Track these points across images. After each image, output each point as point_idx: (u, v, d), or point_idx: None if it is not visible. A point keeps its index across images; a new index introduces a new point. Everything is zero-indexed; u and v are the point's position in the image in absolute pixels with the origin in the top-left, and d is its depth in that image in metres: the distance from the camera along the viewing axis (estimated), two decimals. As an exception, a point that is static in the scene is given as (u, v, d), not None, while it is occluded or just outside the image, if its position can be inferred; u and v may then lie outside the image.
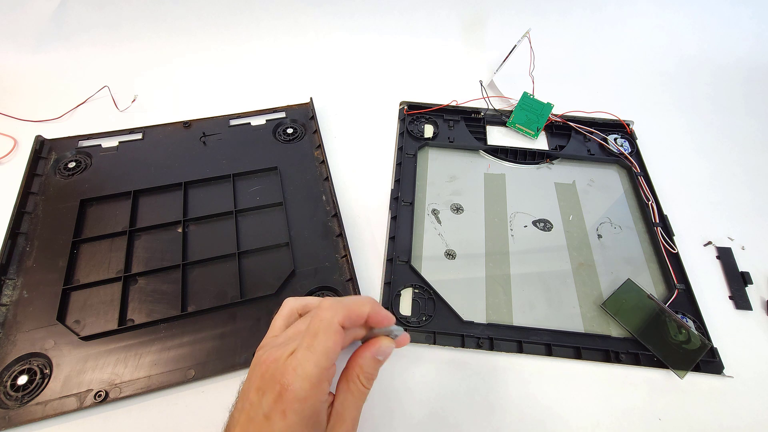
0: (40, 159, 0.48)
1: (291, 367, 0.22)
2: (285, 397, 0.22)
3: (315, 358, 0.22)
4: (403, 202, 0.46)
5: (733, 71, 0.67)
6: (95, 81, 0.57)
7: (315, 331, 0.23)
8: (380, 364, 0.26)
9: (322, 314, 0.24)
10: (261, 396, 0.23)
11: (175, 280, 0.39)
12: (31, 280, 0.39)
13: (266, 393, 0.22)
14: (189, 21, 0.63)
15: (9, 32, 0.59)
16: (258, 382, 0.23)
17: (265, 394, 0.22)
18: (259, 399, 0.23)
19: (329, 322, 0.23)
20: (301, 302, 0.28)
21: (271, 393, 0.22)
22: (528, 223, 0.46)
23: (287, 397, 0.22)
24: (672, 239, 0.44)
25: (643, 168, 0.51)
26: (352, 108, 0.57)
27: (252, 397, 0.23)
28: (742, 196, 0.51)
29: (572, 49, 0.67)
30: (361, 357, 0.25)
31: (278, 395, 0.22)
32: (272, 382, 0.22)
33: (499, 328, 0.38)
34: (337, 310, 0.24)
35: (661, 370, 0.37)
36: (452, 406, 0.34)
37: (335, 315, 0.24)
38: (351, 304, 0.25)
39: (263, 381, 0.23)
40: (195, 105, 0.56)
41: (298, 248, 0.42)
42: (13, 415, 0.32)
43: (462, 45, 0.67)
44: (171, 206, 0.44)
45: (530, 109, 0.54)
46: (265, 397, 0.22)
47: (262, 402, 0.22)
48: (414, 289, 0.40)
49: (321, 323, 0.23)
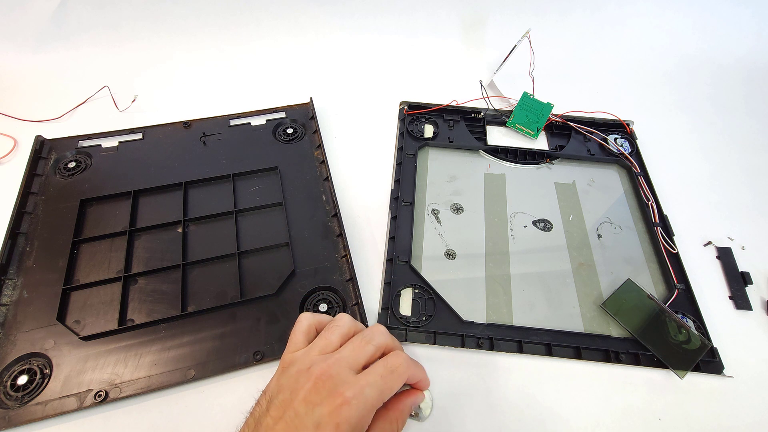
0: (40, 159, 0.48)
1: (359, 385, 0.24)
2: (343, 410, 0.23)
3: (383, 387, 0.25)
4: (403, 202, 0.46)
5: (734, 71, 0.67)
6: (95, 81, 0.57)
7: (393, 368, 0.26)
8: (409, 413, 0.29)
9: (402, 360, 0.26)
10: (312, 407, 0.23)
11: (175, 280, 0.39)
12: (31, 280, 0.39)
13: (320, 405, 0.23)
14: (189, 21, 0.63)
15: (9, 32, 0.59)
16: (309, 394, 0.23)
17: (318, 406, 0.23)
18: (309, 410, 0.23)
19: (405, 369, 0.26)
20: (316, 318, 0.30)
21: (329, 405, 0.23)
22: (528, 223, 0.46)
23: (345, 411, 0.23)
24: (672, 239, 0.44)
25: (643, 168, 0.51)
26: (352, 108, 0.57)
27: (298, 407, 0.23)
28: (742, 196, 0.51)
29: (572, 49, 0.67)
30: (403, 403, 0.28)
31: (337, 408, 0.23)
32: (332, 395, 0.23)
33: (499, 328, 0.38)
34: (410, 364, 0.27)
35: (661, 370, 0.37)
36: (452, 406, 0.34)
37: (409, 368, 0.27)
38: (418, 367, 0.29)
39: (318, 394, 0.23)
40: (195, 105, 0.55)
41: (298, 248, 0.42)
42: (13, 415, 0.32)
43: (462, 45, 0.67)
44: (171, 206, 0.44)
45: (530, 109, 0.54)
46: (319, 408, 0.23)
47: (313, 412, 0.23)
48: (414, 289, 0.40)
49: (399, 366, 0.26)
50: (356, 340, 0.27)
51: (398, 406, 0.27)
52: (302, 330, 0.29)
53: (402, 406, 0.27)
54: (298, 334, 0.28)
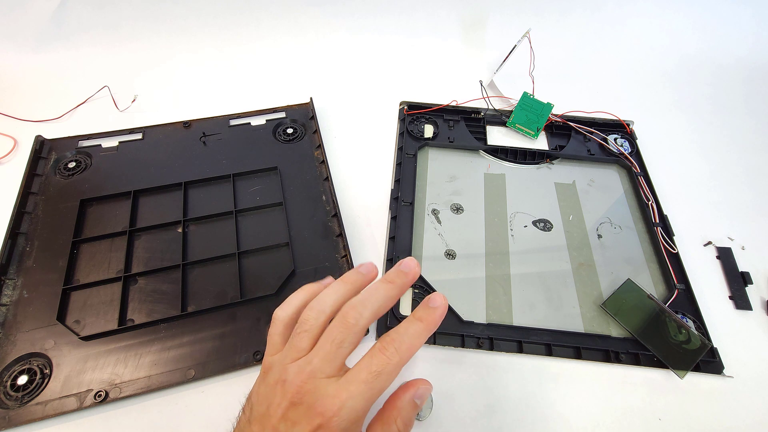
0: (40, 159, 0.48)
1: (340, 399, 0.21)
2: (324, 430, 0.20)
3: (370, 394, 0.21)
4: (403, 202, 0.46)
5: (734, 71, 0.67)
6: (95, 81, 0.57)
7: (378, 371, 0.22)
8: (417, 409, 0.24)
9: (392, 356, 0.22)
10: (291, 426, 0.21)
11: (175, 280, 0.39)
12: (31, 280, 0.39)
13: (299, 424, 0.21)
14: (189, 21, 0.63)
15: (9, 32, 0.59)
16: (288, 411, 0.21)
17: (297, 425, 0.21)
18: (289, 429, 0.21)
19: (395, 367, 0.22)
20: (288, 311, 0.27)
21: (307, 425, 0.21)
22: (528, 223, 0.46)
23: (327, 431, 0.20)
24: (672, 239, 0.44)
25: (643, 168, 0.51)
26: (352, 108, 0.57)
27: (278, 425, 0.21)
28: (742, 196, 0.51)
29: (572, 49, 0.67)
30: (400, 399, 0.24)
31: (316, 428, 0.20)
32: (309, 413, 0.21)
33: (499, 328, 0.38)
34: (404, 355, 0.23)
35: (661, 370, 0.37)
36: (452, 406, 0.34)
37: (402, 360, 0.23)
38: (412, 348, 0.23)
39: (296, 411, 0.21)
40: (195, 105, 0.55)
41: (298, 248, 0.42)
42: (13, 415, 0.32)
43: (462, 45, 0.67)
44: (171, 206, 0.44)
45: (530, 109, 0.54)
46: (298, 427, 0.21)
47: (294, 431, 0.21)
48: (414, 289, 0.40)
49: (388, 366, 0.22)
50: (326, 346, 0.23)
51: (395, 404, 0.24)
52: (278, 332, 0.26)
53: (400, 403, 0.24)
54: (275, 336, 0.26)
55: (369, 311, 0.24)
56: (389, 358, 0.22)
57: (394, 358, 0.22)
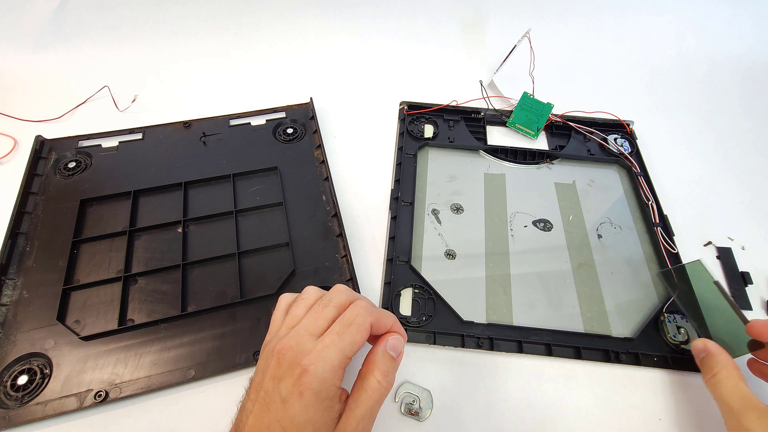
0: (40, 159, 0.48)
1: (316, 351, 0.23)
2: (303, 378, 0.23)
3: (342, 345, 0.24)
4: (403, 202, 0.46)
5: (733, 71, 0.67)
6: (95, 81, 0.57)
7: (349, 322, 0.25)
8: (394, 361, 0.26)
9: (359, 310, 0.26)
10: (278, 382, 0.23)
11: (175, 280, 0.39)
12: (31, 280, 0.39)
13: (284, 379, 0.23)
14: (189, 22, 0.63)
15: (9, 32, 0.59)
16: (274, 370, 0.24)
17: (282, 380, 0.23)
18: (276, 385, 0.23)
19: (363, 318, 0.25)
20: (294, 296, 0.30)
21: (290, 377, 0.23)
22: (528, 223, 0.46)
23: (306, 378, 0.23)
24: (672, 239, 0.44)
25: (643, 168, 0.51)
26: (352, 108, 0.57)
27: (267, 385, 0.24)
28: (742, 196, 0.51)
29: (572, 49, 0.67)
30: (374, 353, 0.26)
31: (297, 378, 0.23)
32: (292, 366, 0.23)
33: (499, 328, 0.38)
34: (371, 312, 0.26)
35: (661, 370, 0.37)
36: (452, 406, 0.34)
37: (369, 315, 0.26)
38: (381, 312, 0.27)
39: (280, 368, 0.24)
40: (195, 105, 0.55)
41: (298, 248, 0.42)
42: (13, 415, 0.32)
43: (462, 45, 0.67)
44: (171, 206, 0.44)
45: (530, 109, 0.54)
46: (283, 382, 0.23)
47: (279, 387, 0.23)
48: (414, 289, 0.40)
49: (356, 318, 0.25)
50: (315, 306, 0.27)
51: (370, 359, 0.26)
52: (281, 310, 0.29)
53: (374, 357, 0.26)
54: (277, 314, 0.29)
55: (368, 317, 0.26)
56: (361, 309, 0.26)
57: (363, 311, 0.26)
